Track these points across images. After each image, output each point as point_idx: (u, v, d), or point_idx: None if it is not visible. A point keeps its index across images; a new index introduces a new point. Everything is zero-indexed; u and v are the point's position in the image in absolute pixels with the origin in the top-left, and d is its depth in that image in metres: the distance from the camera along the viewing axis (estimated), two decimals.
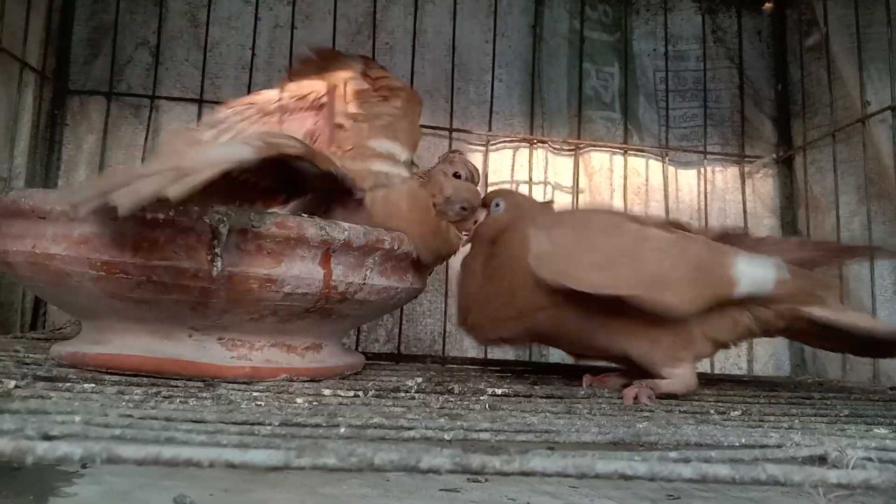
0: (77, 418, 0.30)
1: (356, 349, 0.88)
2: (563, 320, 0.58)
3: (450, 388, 0.56)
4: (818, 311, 0.59)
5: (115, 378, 0.49)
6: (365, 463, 0.23)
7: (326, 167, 0.56)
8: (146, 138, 0.91)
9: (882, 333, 0.60)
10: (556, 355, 0.93)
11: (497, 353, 0.93)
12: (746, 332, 0.60)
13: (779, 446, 0.32)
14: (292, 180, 0.58)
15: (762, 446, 0.32)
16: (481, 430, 0.34)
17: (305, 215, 0.52)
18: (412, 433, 0.32)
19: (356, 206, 0.60)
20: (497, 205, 0.64)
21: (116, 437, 0.27)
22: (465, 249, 0.65)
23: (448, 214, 0.62)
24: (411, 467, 0.23)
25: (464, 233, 0.64)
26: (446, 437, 0.32)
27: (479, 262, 0.62)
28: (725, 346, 0.61)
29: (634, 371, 0.60)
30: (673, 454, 0.28)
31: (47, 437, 0.26)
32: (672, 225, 0.65)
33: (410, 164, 0.67)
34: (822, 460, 0.29)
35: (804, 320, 0.59)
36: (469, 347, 0.94)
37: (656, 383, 0.56)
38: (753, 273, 0.58)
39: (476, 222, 0.64)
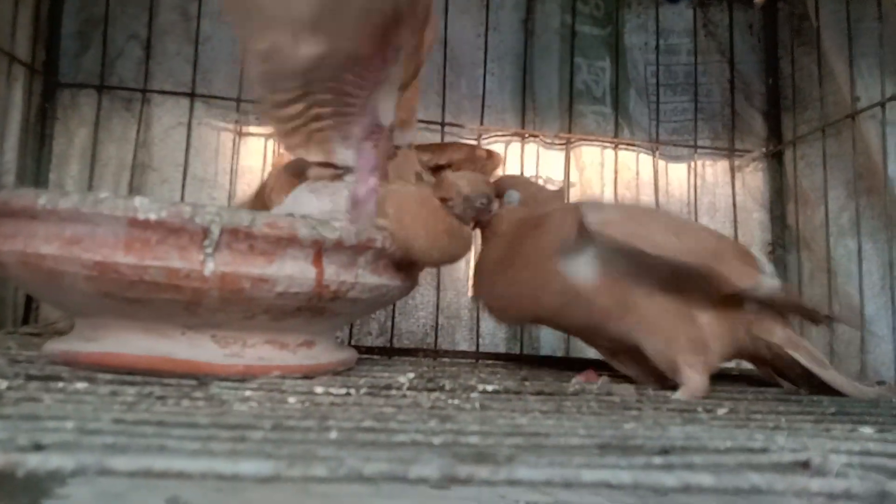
0: (69, 424, 0.31)
1: (349, 342, 0.89)
2: (586, 310, 0.59)
3: (441, 384, 0.57)
4: (804, 359, 0.61)
5: (109, 377, 0.49)
6: (355, 474, 0.23)
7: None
8: (138, 132, 0.91)
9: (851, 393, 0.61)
10: (546, 347, 0.94)
11: (489, 345, 0.94)
12: (742, 349, 0.62)
13: (763, 450, 0.32)
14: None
15: (747, 450, 0.33)
16: (470, 434, 0.34)
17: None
18: (402, 437, 0.33)
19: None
20: (510, 196, 0.65)
21: (109, 445, 0.27)
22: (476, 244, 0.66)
23: (467, 213, 0.62)
24: (400, 478, 0.24)
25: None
26: (435, 441, 0.32)
27: (498, 251, 0.63)
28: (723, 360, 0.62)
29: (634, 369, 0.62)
30: (657, 460, 0.29)
31: (39, 447, 0.26)
32: None
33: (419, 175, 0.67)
34: (805, 466, 0.30)
35: (788, 359, 0.61)
36: (461, 340, 0.94)
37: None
38: (768, 273, 0.60)
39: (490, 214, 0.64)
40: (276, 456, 0.26)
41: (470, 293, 0.68)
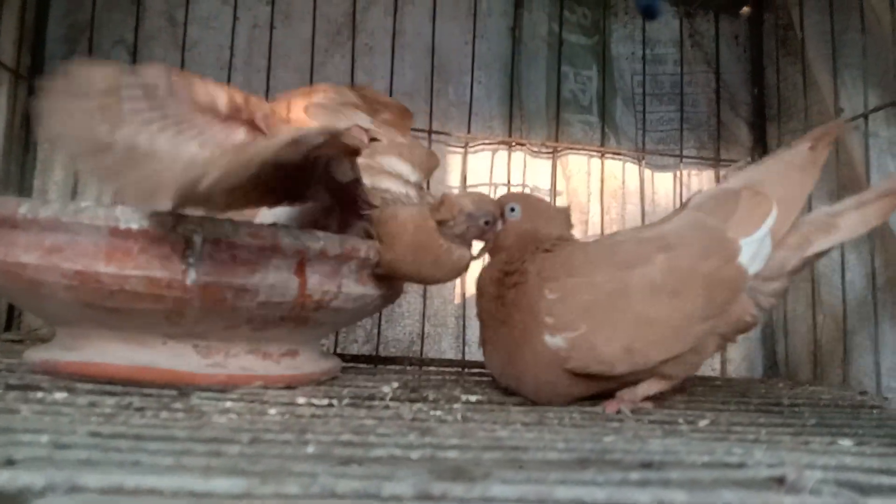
0: (44, 438, 0.30)
1: (335, 350, 0.88)
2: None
3: (424, 395, 0.57)
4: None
5: (89, 387, 0.48)
6: (327, 492, 0.23)
7: (358, 174, 0.55)
8: None
9: None
10: None
11: (475, 353, 0.94)
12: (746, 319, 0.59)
13: (740, 465, 0.32)
14: (293, 186, 0.57)
15: (724, 465, 0.33)
16: (449, 448, 0.34)
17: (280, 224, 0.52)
18: (380, 452, 0.33)
19: (356, 221, 0.60)
20: (512, 209, 0.62)
21: (82, 461, 0.27)
22: (482, 260, 0.64)
23: (470, 231, 0.59)
24: (373, 495, 0.24)
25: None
26: (413, 456, 0.32)
27: (494, 276, 0.60)
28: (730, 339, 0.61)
29: None
30: (634, 475, 0.29)
31: (10, 463, 0.26)
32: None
33: (420, 187, 0.66)
34: (780, 482, 0.30)
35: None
36: (447, 349, 0.94)
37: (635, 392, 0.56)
38: (757, 248, 0.56)
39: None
40: (249, 472, 0.26)
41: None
